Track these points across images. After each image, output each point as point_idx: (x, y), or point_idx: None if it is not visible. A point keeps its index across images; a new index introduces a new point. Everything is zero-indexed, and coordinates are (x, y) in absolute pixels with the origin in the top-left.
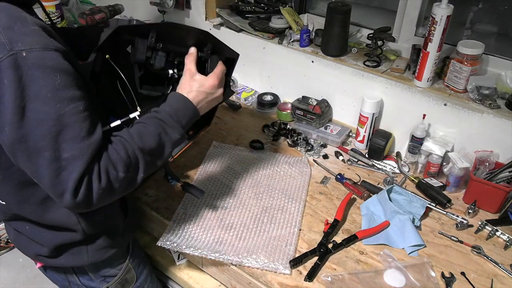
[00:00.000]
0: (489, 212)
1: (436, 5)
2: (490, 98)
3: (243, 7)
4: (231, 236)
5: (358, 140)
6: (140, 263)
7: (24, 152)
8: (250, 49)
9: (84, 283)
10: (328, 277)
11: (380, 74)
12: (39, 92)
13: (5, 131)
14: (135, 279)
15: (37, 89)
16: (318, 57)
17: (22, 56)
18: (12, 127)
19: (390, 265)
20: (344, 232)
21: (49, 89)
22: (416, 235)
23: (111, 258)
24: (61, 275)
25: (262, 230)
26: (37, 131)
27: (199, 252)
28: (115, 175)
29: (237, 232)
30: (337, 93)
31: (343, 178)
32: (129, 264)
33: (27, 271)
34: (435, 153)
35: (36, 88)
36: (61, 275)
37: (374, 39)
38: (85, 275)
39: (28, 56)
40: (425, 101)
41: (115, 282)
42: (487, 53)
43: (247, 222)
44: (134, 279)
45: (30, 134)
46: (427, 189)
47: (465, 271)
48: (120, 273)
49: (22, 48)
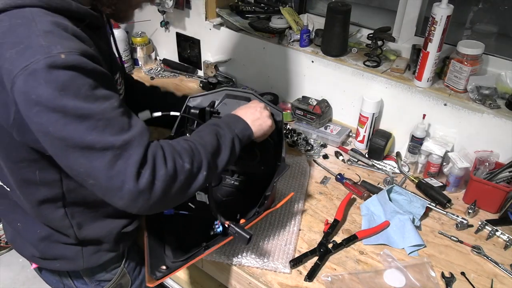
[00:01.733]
0: (489, 212)
1: (436, 5)
2: (490, 98)
3: (243, 7)
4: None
5: (358, 140)
6: (135, 267)
7: (73, 149)
8: (250, 49)
9: (79, 287)
10: (328, 277)
11: (380, 74)
12: (78, 91)
13: (49, 130)
14: (130, 283)
15: (76, 88)
16: (318, 57)
17: (60, 58)
18: (56, 126)
19: (390, 265)
20: (344, 232)
21: (87, 88)
22: (416, 235)
23: (106, 262)
24: (55, 277)
25: (262, 230)
26: (82, 126)
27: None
28: (181, 164)
29: None
30: (337, 93)
31: (343, 178)
32: (124, 269)
33: (27, 271)
34: (435, 153)
35: (74, 87)
36: (56, 277)
37: (374, 39)
38: (80, 279)
39: (66, 58)
40: (425, 101)
41: (110, 287)
42: (487, 53)
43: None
44: (129, 283)
45: (75, 131)
46: (427, 189)
47: (465, 271)
48: (115, 278)
49: (60, 50)
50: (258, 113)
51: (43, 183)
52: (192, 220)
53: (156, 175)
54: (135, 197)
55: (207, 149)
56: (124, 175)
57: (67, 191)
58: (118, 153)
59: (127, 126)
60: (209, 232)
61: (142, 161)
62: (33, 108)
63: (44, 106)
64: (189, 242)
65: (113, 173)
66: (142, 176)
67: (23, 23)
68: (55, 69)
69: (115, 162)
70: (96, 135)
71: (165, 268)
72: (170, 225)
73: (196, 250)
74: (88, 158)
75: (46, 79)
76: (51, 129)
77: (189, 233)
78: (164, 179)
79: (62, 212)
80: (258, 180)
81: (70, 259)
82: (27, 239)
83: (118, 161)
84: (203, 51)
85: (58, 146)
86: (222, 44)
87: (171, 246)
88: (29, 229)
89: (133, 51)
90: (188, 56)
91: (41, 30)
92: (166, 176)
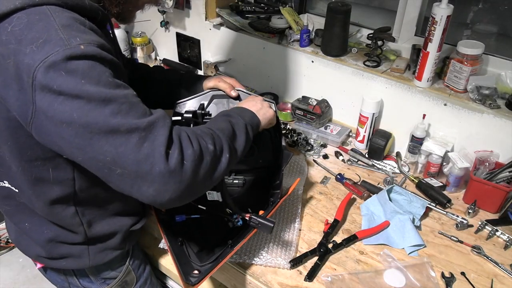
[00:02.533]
0: (489, 212)
1: (436, 5)
2: (490, 98)
3: (243, 7)
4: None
5: (358, 140)
6: (140, 265)
7: (98, 135)
8: (250, 49)
9: (84, 285)
10: (328, 277)
11: (380, 74)
12: (99, 77)
13: (73, 118)
14: (135, 281)
15: (97, 75)
16: (318, 57)
17: (80, 48)
18: (81, 112)
19: (390, 265)
20: (344, 232)
21: (107, 75)
22: (416, 235)
23: (112, 260)
24: (61, 276)
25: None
26: (106, 110)
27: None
28: (205, 145)
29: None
30: (337, 93)
31: (343, 178)
32: (129, 266)
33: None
34: (435, 153)
35: (95, 74)
36: (61, 276)
37: (374, 39)
38: (86, 277)
39: (85, 49)
40: (425, 101)
41: (115, 284)
42: (487, 53)
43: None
44: (134, 281)
45: (100, 115)
46: (427, 189)
47: (465, 271)
48: (120, 275)
49: (80, 42)
50: (260, 104)
51: (56, 181)
52: (204, 222)
53: (184, 155)
54: (166, 179)
55: (225, 133)
56: (153, 157)
57: (79, 190)
58: (144, 135)
59: (149, 111)
60: (225, 229)
61: (168, 141)
62: (57, 99)
63: (67, 94)
64: (209, 242)
65: (141, 156)
66: (171, 156)
67: (41, 18)
68: (75, 59)
69: (141, 144)
70: (120, 118)
71: (197, 273)
72: (185, 231)
73: (221, 249)
74: (114, 144)
75: (67, 69)
76: (75, 115)
77: (206, 234)
78: (192, 159)
79: (73, 210)
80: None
81: (77, 257)
82: (34, 239)
83: (144, 143)
84: (203, 51)
85: (83, 134)
86: (222, 44)
87: (193, 250)
88: (36, 230)
89: (133, 51)
90: (188, 56)
91: (59, 24)
92: (194, 156)
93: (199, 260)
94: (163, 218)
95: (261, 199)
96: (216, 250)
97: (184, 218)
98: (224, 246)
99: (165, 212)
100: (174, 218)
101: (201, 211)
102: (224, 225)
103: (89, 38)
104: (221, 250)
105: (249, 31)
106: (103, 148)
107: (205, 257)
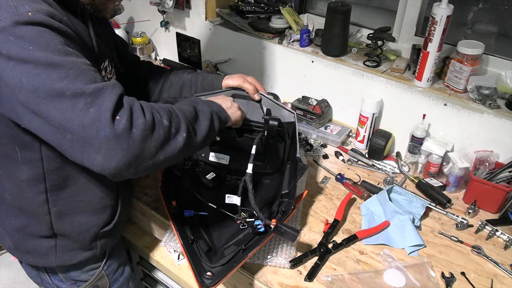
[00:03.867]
0: (489, 212)
1: (436, 5)
2: (490, 98)
3: (243, 7)
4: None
5: (358, 140)
6: (117, 269)
7: (45, 99)
8: (250, 49)
9: (55, 283)
10: (328, 277)
11: (380, 74)
12: (47, 44)
13: (22, 83)
14: (108, 286)
15: (45, 41)
16: (318, 57)
17: (27, 15)
18: (28, 76)
19: (390, 265)
20: (344, 232)
21: (56, 42)
22: (416, 235)
23: (82, 262)
24: (34, 271)
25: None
26: (53, 75)
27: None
28: (159, 119)
29: None
30: (337, 93)
31: (343, 178)
32: (103, 271)
33: None
34: (435, 153)
35: (44, 40)
36: (34, 271)
37: (374, 39)
38: (56, 275)
39: (34, 16)
40: (425, 101)
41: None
42: (487, 53)
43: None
44: (107, 286)
45: (46, 79)
46: (427, 189)
47: (465, 271)
48: (92, 280)
49: (28, 10)
50: (229, 103)
51: (24, 161)
52: (211, 220)
53: (134, 123)
54: (112, 145)
55: (185, 114)
56: (98, 122)
57: (48, 171)
58: (90, 100)
59: (99, 79)
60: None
61: (116, 107)
62: (8, 64)
63: (15, 59)
64: (219, 243)
65: (87, 120)
66: (118, 121)
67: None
68: (22, 25)
69: (87, 109)
70: (67, 82)
71: (210, 275)
72: (194, 228)
73: (231, 252)
74: (61, 109)
75: (15, 35)
76: (24, 80)
77: (213, 234)
78: (142, 128)
79: (43, 197)
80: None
81: (43, 254)
82: (4, 228)
83: (91, 109)
84: (203, 51)
85: (32, 99)
86: (222, 44)
87: (202, 249)
88: (5, 220)
89: (133, 51)
90: (188, 56)
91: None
92: (145, 125)
93: (209, 261)
94: (173, 212)
95: (263, 205)
96: (225, 252)
97: (192, 213)
98: (234, 248)
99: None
100: (183, 213)
101: (210, 209)
102: (233, 226)
103: (38, 7)
104: (231, 252)
105: (249, 31)
106: (51, 112)
107: (214, 257)
